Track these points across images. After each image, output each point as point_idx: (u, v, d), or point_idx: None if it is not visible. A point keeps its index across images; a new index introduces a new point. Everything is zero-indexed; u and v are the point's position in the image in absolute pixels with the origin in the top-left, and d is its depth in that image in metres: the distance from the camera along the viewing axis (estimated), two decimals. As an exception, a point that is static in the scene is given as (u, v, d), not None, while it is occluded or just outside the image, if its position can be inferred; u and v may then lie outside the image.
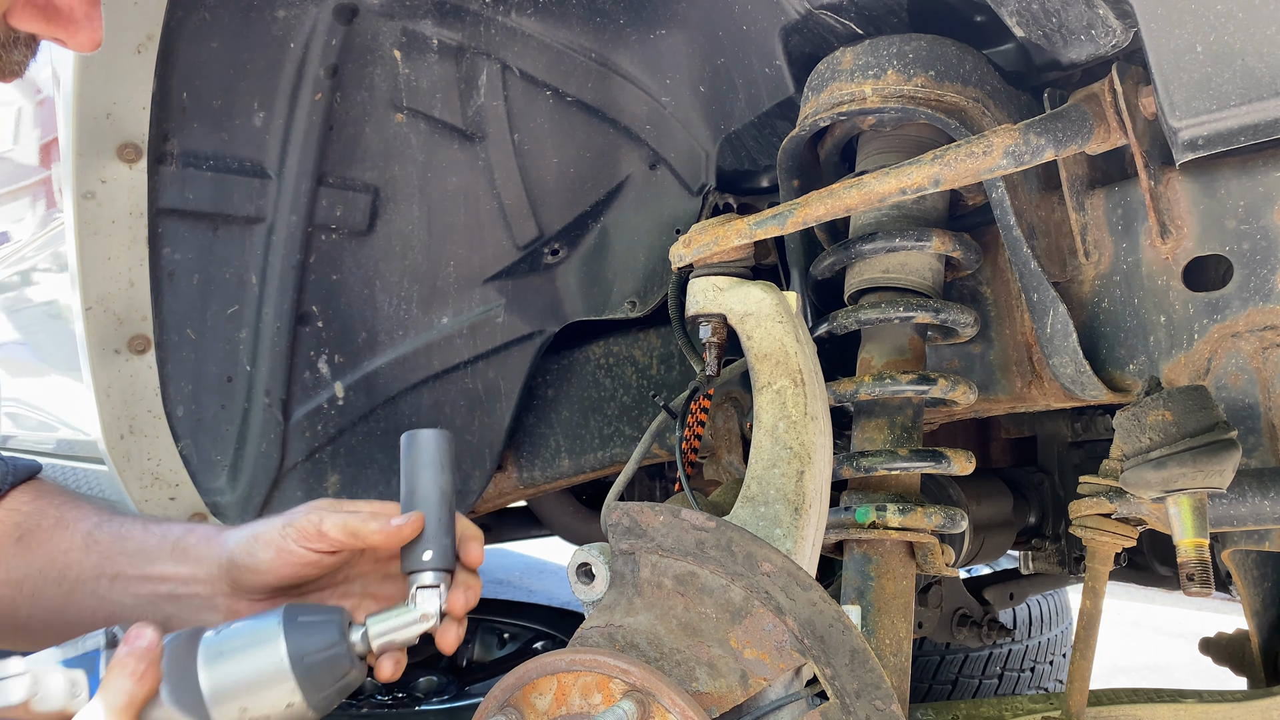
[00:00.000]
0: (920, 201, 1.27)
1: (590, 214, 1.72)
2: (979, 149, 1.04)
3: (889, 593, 1.19)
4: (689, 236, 1.26)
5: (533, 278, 1.78)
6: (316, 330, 1.73)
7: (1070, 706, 1.22)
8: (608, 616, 1.00)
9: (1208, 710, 1.23)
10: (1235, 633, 1.46)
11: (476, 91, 1.61)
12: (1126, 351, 1.19)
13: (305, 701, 0.86)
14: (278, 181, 1.62)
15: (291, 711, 0.86)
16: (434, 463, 0.97)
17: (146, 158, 1.55)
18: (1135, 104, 1.05)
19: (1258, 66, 0.86)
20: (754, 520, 1.07)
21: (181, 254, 1.62)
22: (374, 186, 1.68)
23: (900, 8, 1.22)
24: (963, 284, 1.35)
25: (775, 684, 0.96)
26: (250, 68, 1.54)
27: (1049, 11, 1.08)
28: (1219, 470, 0.95)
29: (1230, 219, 1.09)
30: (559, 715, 0.93)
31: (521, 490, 1.97)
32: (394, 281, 1.74)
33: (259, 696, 0.85)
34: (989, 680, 3.00)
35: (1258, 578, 1.36)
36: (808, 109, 1.26)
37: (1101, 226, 1.19)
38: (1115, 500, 1.15)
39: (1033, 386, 1.30)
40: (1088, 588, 1.21)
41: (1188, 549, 0.98)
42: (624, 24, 1.47)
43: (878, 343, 1.27)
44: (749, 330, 1.20)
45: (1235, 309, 1.09)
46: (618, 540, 1.02)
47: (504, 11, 1.51)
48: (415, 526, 0.95)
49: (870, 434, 1.25)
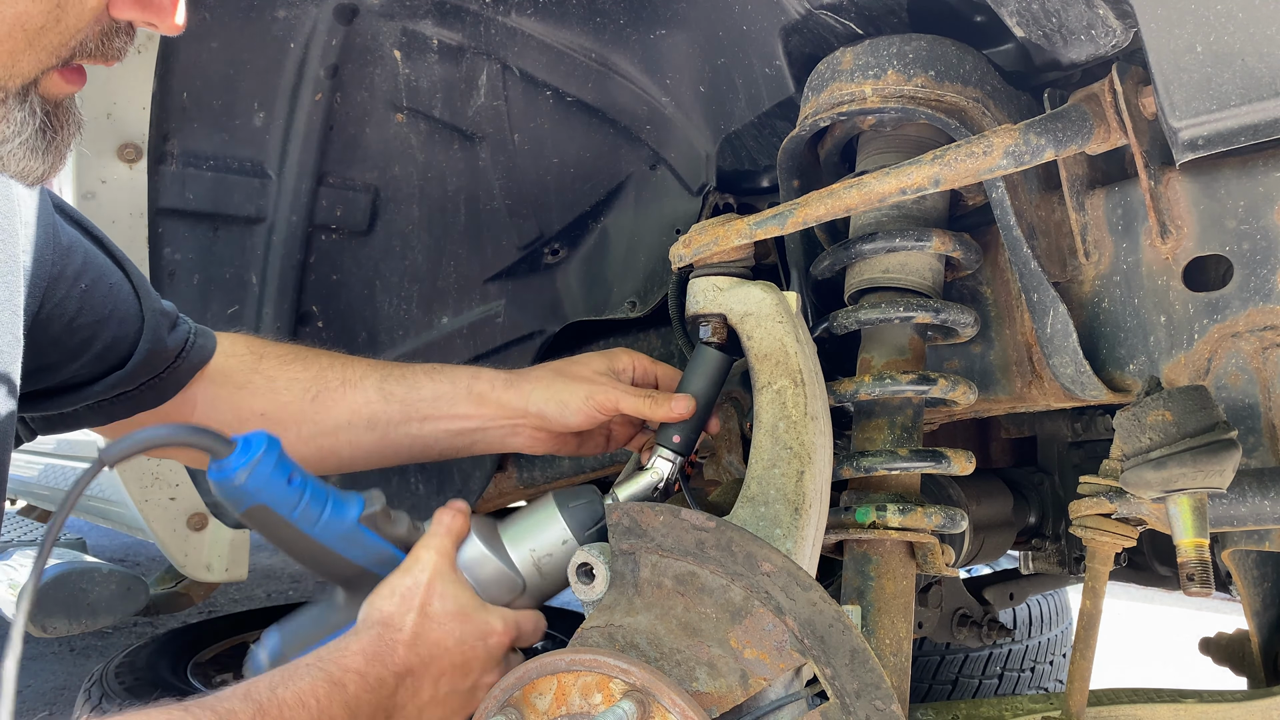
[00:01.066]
0: (920, 201, 1.27)
1: (590, 214, 1.72)
2: (979, 149, 1.04)
3: (889, 593, 1.19)
4: (689, 236, 1.26)
5: (533, 278, 1.78)
6: (317, 330, 1.73)
7: (1070, 706, 1.22)
8: (608, 616, 1.00)
9: (1208, 710, 1.23)
10: (1235, 633, 1.46)
11: (476, 91, 1.61)
12: (1126, 351, 1.19)
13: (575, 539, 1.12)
14: (278, 181, 1.62)
15: (566, 548, 1.12)
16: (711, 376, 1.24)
17: (147, 158, 1.56)
18: (1135, 104, 1.05)
19: (1258, 66, 0.86)
20: (754, 520, 1.07)
21: (182, 254, 1.63)
22: (374, 186, 1.68)
23: (900, 8, 1.22)
24: (963, 284, 1.35)
25: (775, 684, 0.96)
26: (250, 68, 1.55)
27: (1049, 11, 1.08)
28: (1219, 470, 0.95)
29: (1230, 219, 1.09)
30: (559, 715, 0.93)
31: (522, 490, 1.97)
32: (394, 281, 1.74)
33: (541, 538, 1.13)
34: (989, 680, 3.00)
35: (1258, 578, 1.36)
36: (808, 109, 1.26)
37: (1101, 226, 1.19)
38: (1115, 500, 1.15)
39: (1033, 386, 1.30)
40: (1088, 588, 1.21)
41: (1188, 549, 0.98)
42: (624, 24, 1.47)
43: (878, 343, 1.27)
44: (749, 330, 1.20)
45: (1235, 309, 1.09)
46: (618, 540, 1.02)
47: (504, 12, 1.51)
48: (687, 411, 1.21)
49: (870, 434, 1.25)
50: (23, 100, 0.83)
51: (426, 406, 1.32)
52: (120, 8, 0.84)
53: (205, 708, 0.85)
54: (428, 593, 1.05)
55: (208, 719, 0.84)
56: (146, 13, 0.85)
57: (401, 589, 1.05)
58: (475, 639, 1.05)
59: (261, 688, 0.90)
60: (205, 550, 1.99)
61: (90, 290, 1.18)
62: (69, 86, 0.87)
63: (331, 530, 1.08)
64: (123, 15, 0.85)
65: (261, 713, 0.88)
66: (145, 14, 0.86)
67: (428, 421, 1.32)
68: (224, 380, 1.32)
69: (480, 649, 1.05)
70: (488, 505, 2.00)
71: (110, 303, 1.20)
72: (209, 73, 1.54)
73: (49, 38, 0.81)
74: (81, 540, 2.84)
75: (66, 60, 0.84)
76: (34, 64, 0.82)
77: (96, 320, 1.19)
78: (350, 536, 1.09)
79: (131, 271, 1.24)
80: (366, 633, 1.01)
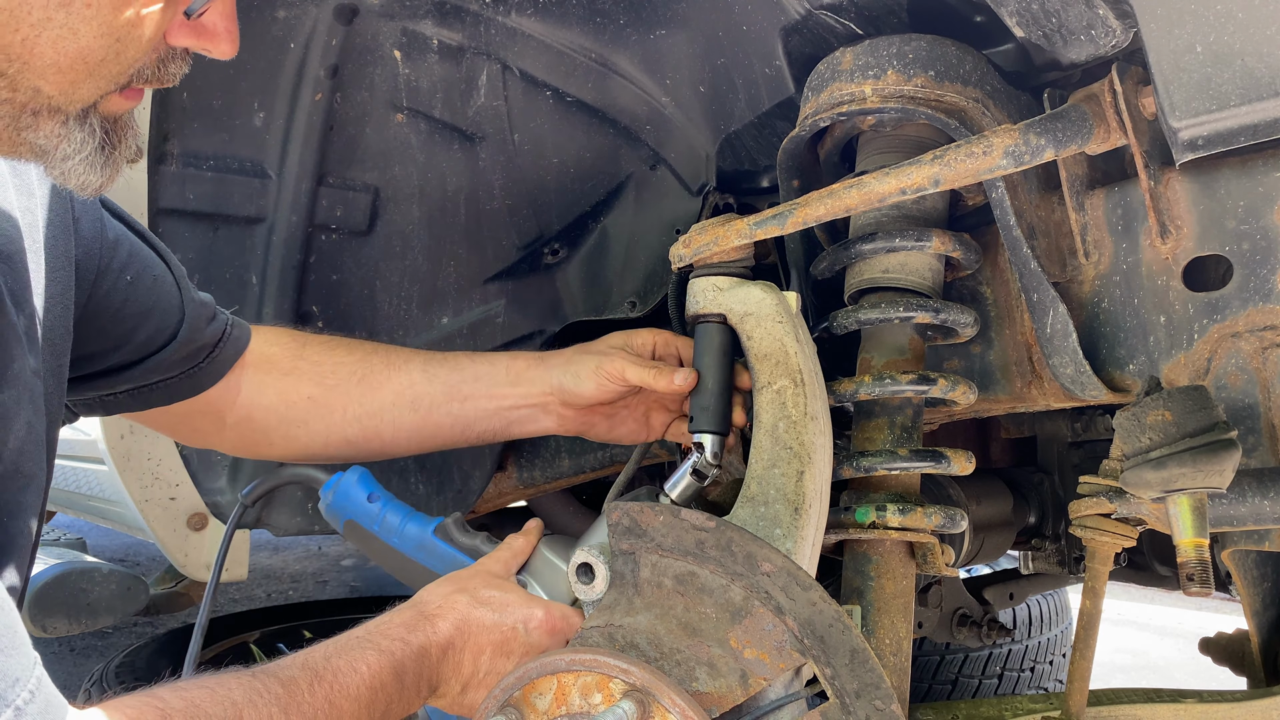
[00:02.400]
0: (920, 201, 1.27)
1: (590, 214, 1.72)
2: (979, 149, 1.04)
3: (889, 593, 1.19)
4: (689, 236, 1.26)
5: (533, 278, 1.78)
6: (317, 330, 1.73)
7: (1070, 706, 1.22)
8: (608, 616, 1.00)
9: (1208, 710, 1.23)
10: (1235, 633, 1.46)
11: (476, 92, 1.61)
12: (1126, 351, 1.19)
13: None
14: (278, 181, 1.62)
15: None
16: (714, 348, 1.25)
17: (146, 158, 1.56)
18: (1135, 104, 1.05)
19: (1258, 66, 0.86)
20: (754, 520, 1.07)
21: (182, 254, 1.62)
22: (374, 187, 1.68)
23: (900, 8, 1.22)
24: (963, 284, 1.35)
25: (775, 684, 0.96)
26: (250, 68, 1.54)
27: (1049, 12, 1.08)
28: (1219, 470, 0.95)
29: (1230, 219, 1.09)
30: (559, 715, 0.93)
31: (521, 490, 1.97)
32: (394, 282, 1.74)
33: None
34: (989, 680, 3.00)
35: (1258, 578, 1.36)
36: (808, 109, 1.26)
37: (1101, 226, 1.19)
38: (1115, 500, 1.15)
39: (1033, 386, 1.30)
40: (1088, 588, 1.21)
41: (1188, 549, 0.98)
42: (624, 24, 1.47)
43: (878, 343, 1.27)
44: (749, 330, 1.20)
45: (1235, 309, 1.09)
46: (618, 540, 1.02)
47: (504, 12, 1.51)
48: (686, 383, 1.25)
49: (870, 434, 1.25)
50: (83, 121, 0.87)
51: (468, 387, 1.38)
52: (177, 36, 0.89)
53: (270, 675, 0.93)
54: (471, 580, 1.13)
55: (274, 686, 0.91)
56: (202, 39, 0.90)
57: (448, 579, 1.15)
58: (515, 621, 1.10)
59: (317, 657, 0.98)
60: (205, 550, 1.99)
61: (135, 282, 1.23)
62: (127, 103, 0.91)
63: (410, 540, 1.26)
64: (179, 43, 0.89)
65: (318, 678, 0.95)
66: (200, 40, 0.90)
67: (469, 401, 1.38)
68: (270, 367, 1.38)
69: (520, 632, 1.09)
70: (488, 505, 2.00)
71: (154, 295, 1.25)
72: (209, 73, 1.54)
73: (109, 68, 0.85)
74: (81, 540, 2.84)
75: (125, 85, 0.88)
76: (94, 91, 0.86)
77: (141, 311, 1.23)
78: (427, 546, 1.25)
79: (173, 264, 1.29)
80: (409, 610, 1.09)
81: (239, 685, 0.89)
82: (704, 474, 1.21)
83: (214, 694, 0.87)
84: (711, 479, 1.23)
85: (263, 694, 0.89)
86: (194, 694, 0.86)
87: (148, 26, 0.85)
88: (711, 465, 1.22)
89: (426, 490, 1.85)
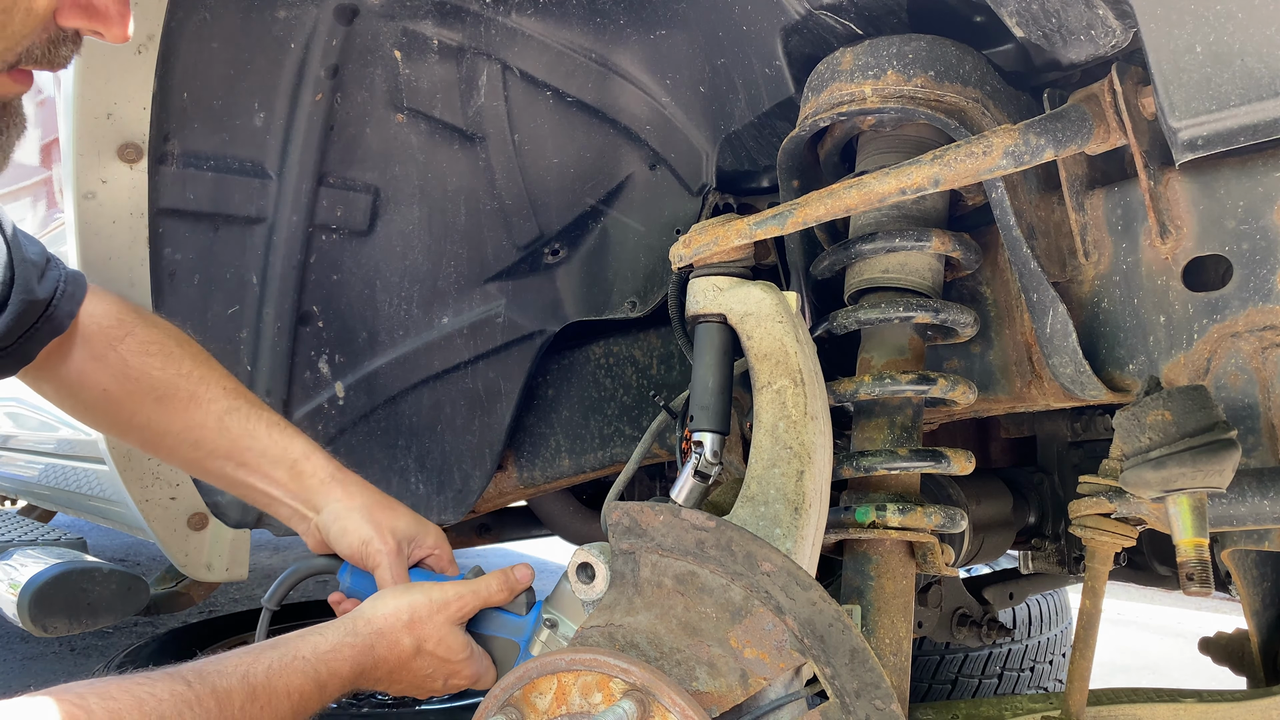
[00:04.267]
0: (920, 201, 1.27)
1: (590, 214, 1.72)
2: (979, 149, 1.04)
3: (889, 592, 1.19)
4: (689, 236, 1.26)
5: (533, 278, 1.78)
6: (317, 330, 1.73)
7: (1070, 706, 1.22)
8: (608, 616, 1.00)
9: (1208, 710, 1.23)
10: (1235, 633, 1.46)
11: (476, 92, 1.61)
12: (1126, 351, 1.19)
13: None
14: (278, 182, 1.62)
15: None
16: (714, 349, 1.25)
17: (147, 158, 1.56)
18: (1135, 104, 1.05)
19: (1257, 66, 0.86)
20: (754, 520, 1.07)
21: (182, 254, 1.63)
22: (374, 187, 1.68)
23: (900, 8, 1.22)
24: (963, 284, 1.35)
25: (775, 683, 0.96)
26: (251, 68, 1.55)
27: (1049, 12, 1.08)
28: (1219, 470, 0.95)
29: (1230, 219, 1.09)
30: (559, 715, 0.93)
31: (522, 490, 1.97)
32: (394, 281, 1.74)
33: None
34: (989, 680, 3.00)
35: (1257, 577, 1.36)
36: (807, 109, 1.26)
37: (1101, 226, 1.19)
38: (1115, 500, 1.15)
39: (1033, 386, 1.30)
40: (1087, 587, 1.21)
41: (1187, 549, 0.98)
42: (624, 24, 1.47)
43: (878, 343, 1.27)
44: (749, 330, 1.20)
45: (1235, 309, 1.09)
46: (618, 540, 1.02)
47: (504, 12, 1.51)
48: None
49: (870, 434, 1.25)
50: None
51: (249, 455, 1.34)
52: (67, 16, 0.86)
53: (206, 683, 0.92)
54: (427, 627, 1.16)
55: (207, 701, 0.91)
56: (93, 21, 0.87)
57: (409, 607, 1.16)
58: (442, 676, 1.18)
59: (259, 671, 0.98)
60: (205, 550, 1.99)
61: None
62: (16, 88, 0.88)
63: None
64: (69, 23, 0.86)
65: (253, 698, 0.95)
66: (92, 22, 0.87)
67: (242, 468, 1.35)
68: (83, 344, 1.33)
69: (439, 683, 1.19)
70: (488, 505, 2.00)
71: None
72: (209, 73, 1.54)
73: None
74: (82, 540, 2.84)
75: (12, 65, 0.86)
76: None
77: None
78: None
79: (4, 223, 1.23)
80: (360, 641, 1.11)
81: (170, 697, 0.89)
82: (706, 475, 1.22)
83: (141, 707, 0.86)
84: (713, 478, 1.23)
85: (194, 707, 0.89)
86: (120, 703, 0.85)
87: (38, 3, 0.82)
88: (712, 464, 1.23)
89: (427, 490, 1.85)
